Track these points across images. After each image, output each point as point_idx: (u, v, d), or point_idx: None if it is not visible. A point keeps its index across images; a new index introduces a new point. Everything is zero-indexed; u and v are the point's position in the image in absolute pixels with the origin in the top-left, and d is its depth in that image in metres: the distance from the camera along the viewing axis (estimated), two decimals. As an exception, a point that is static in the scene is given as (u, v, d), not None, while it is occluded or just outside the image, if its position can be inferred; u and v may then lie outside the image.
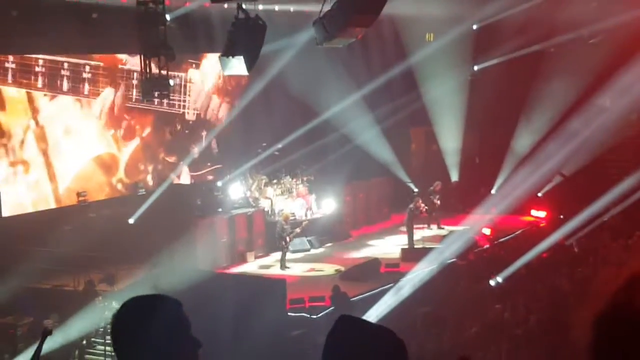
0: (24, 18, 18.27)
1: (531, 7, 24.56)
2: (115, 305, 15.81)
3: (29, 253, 17.32)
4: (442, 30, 26.44)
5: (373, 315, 15.63)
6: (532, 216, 25.37)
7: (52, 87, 20.24)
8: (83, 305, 16.50)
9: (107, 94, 21.59)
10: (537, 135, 26.41)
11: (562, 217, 22.60)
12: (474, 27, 27.20)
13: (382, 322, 14.81)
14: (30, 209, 19.86)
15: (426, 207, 23.25)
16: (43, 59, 19.98)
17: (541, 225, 24.25)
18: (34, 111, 19.92)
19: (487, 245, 21.87)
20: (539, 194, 25.76)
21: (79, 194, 20.61)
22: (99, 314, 16.40)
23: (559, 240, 20.03)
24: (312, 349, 15.31)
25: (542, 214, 25.19)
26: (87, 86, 21.03)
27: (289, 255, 20.85)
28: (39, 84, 19.94)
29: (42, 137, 20.08)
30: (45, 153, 20.16)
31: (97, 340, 16.24)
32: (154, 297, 2.90)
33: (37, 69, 19.93)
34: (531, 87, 26.72)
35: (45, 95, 20.11)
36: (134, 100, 21.89)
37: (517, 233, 23.58)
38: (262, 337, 14.19)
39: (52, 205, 20.37)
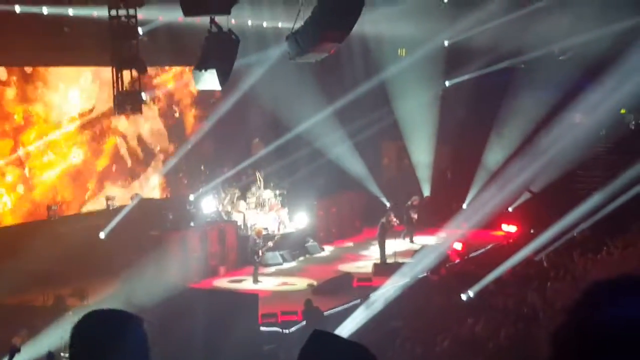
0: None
1: (502, 23, 24.84)
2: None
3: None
4: (414, 45, 26.64)
5: (345, 329, 15.62)
6: (502, 231, 25.53)
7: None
8: (53, 320, 16.34)
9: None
10: (508, 150, 26.63)
11: (532, 232, 22.77)
12: (446, 43, 27.43)
13: (354, 337, 14.81)
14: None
15: (397, 221, 23.30)
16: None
17: (511, 240, 24.39)
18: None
19: (459, 260, 21.97)
20: (510, 209, 25.93)
21: (49, 208, 20.46)
22: (68, 329, 16.23)
23: (529, 255, 20.18)
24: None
25: (512, 228, 25.36)
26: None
27: (261, 270, 20.82)
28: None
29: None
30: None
31: (66, 355, 16.07)
32: (117, 312, 2.81)
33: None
34: (502, 103, 26.95)
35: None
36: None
37: (488, 248, 23.71)
38: (234, 352, 14.14)
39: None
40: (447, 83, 28.47)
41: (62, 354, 16.00)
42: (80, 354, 2.76)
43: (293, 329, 16.57)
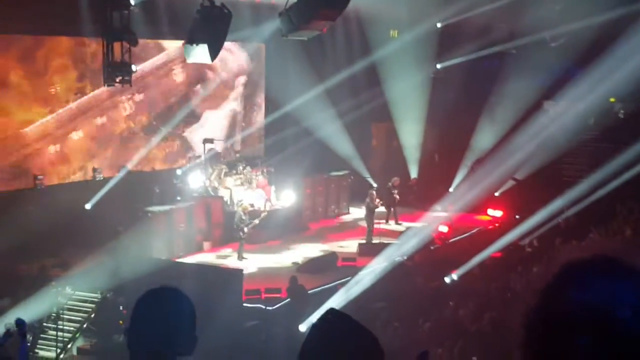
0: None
1: (495, 8, 24.79)
2: (69, 290, 15.66)
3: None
4: (407, 27, 26.58)
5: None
6: (488, 215, 25.61)
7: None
8: (36, 290, 16.34)
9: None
10: (497, 135, 26.67)
11: (517, 217, 22.85)
12: (438, 25, 27.36)
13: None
14: None
15: (381, 202, 23.31)
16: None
17: (497, 224, 24.48)
18: None
19: (444, 243, 22.04)
20: (496, 194, 26.01)
21: (35, 177, 20.39)
22: (51, 299, 16.25)
23: (514, 240, 20.26)
24: (267, 340, 15.35)
25: (498, 213, 25.45)
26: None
27: (246, 246, 20.82)
28: None
29: None
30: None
31: (49, 325, 16.07)
32: (176, 291, 3.07)
33: None
34: (492, 88, 26.97)
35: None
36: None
37: (473, 232, 23.80)
38: (218, 327, 14.16)
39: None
40: (438, 66, 28.44)
41: (44, 324, 16.03)
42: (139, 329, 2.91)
43: (276, 306, 16.61)
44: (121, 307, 16.05)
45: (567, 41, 25.21)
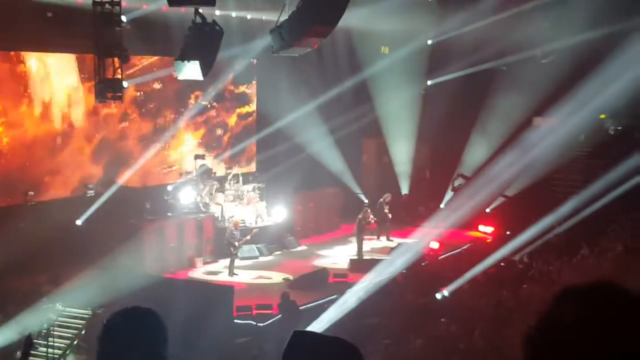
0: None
1: (485, 25, 24.95)
2: (60, 306, 15.59)
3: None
4: (397, 44, 26.72)
5: (320, 325, 15.66)
6: (479, 231, 25.66)
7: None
8: (27, 306, 16.27)
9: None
10: (487, 151, 26.76)
11: (508, 233, 22.90)
12: (429, 42, 27.51)
13: (328, 332, 14.85)
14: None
15: (375, 219, 23.37)
16: None
17: (488, 240, 24.53)
18: None
19: (435, 259, 22.05)
20: (487, 210, 26.06)
21: (25, 193, 20.32)
22: (42, 315, 16.17)
23: (505, 256, 20.29)
24: (258, 356, 15.31)
25: (489, 229, 25.50)
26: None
27: (237, 262, 20.80)
28: None
29: None
30: None
31: (40, 341, 15.99)
32: (147, 311, 3.08)
33: None
34: (483, 104, 27.07)
35: None
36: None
37: (464, 248, 23.83)
38: (209, 344, 14.14)
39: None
40: (429, 82, 28.56)
41: (35, 341, 15.93)
42: (110, 349, 2.98)
43: (268, 322, 16.58)
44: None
45: (557, 58, 25.35)
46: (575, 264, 18.71)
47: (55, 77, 21.15)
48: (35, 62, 20.64)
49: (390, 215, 24.82)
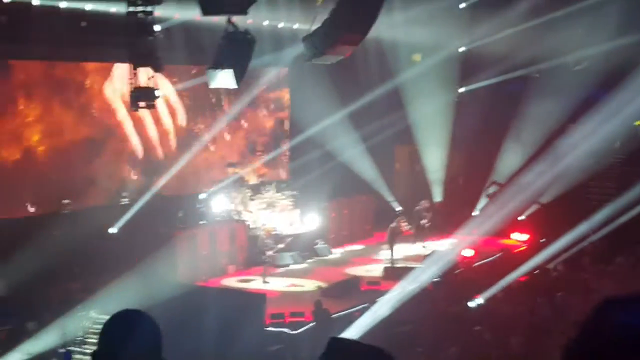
0: (14, 24, 18.24)
1: (517, 32, 24.80)
2: (94, 314, 15.76)
3: (8, 259, 17.21)
4: (429, 51, 26.65)
5: (353, 333, 15.61)
6: (513, 239, 25.46)
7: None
8: (61, 314, 16.42)
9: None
10: (521, 158, 26.57)
11: (543, 241, 22.68)
12: (461, 49, 27.41)
13: (362, 340, 14.80)
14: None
15: (408, 226, 23.26)
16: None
17: (522, 248, 24.33)
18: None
19: (468, 267, 21.91)
20: (521, 217, 25.86)
21: (60, 201, 20.51)
22: (77, 323, 16.32)
23: (539, 264, 20.10)
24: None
25: (523, 237, 25.29)
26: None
27: (270, 270, 20.82)
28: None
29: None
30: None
31: (74, 349, 16.13)
32: (140, 313, 3.07)
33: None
34: (515, 112, 26.89)
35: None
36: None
37: (498, 255, 23.63)
38: (241, 352, 14.16)
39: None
40: (461, 89, 28.45)
41: (69, 348, 16.09)
42: (104, 353, 2.95)
43: (300, 330, 16.57)
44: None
45: (590, 64, 25.13)
46: (611, 272, 18.47)
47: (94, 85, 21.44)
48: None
49: (427, 223, 24.77)
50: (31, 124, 20.20)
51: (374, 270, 21.95)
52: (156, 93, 17.59)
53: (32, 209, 20.25)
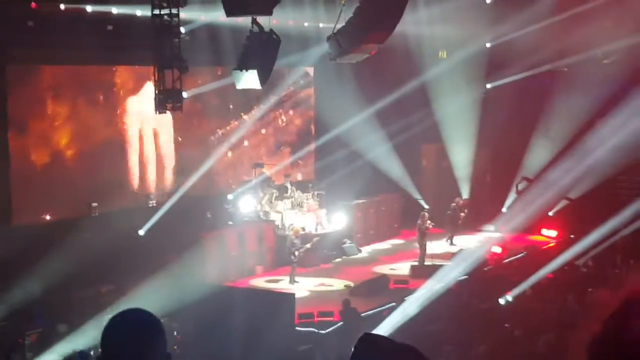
0: (40, 29, 18.38)
1: (544, 26, 24.60)
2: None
3: (39, 263, 17.35)
4: (456, 47, 26.52)
5: (381, 331, 15.57)
6: (542, 235, 25.27)
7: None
8: (91, 316, 16.52)
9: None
10: (549, 154, 26.37)
11: (572, 237, 22.52)
12: (487, 45, 27.25)
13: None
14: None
15: (432, 224, 23.05)
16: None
17: (551, 244, 24.15)
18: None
19: (497, 264, 21.78)
20: (550, 213, 25.67)
21: (89, 204, 20.66)
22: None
23: (569, 260, 19.95)
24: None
25: (553, 233, 25.11)
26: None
27: (298, 270, 20.82)
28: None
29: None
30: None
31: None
32: (142, 312, 3.05)
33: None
34: (543, 107, 26.69)
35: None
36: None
37: (527, 252, 23.47)
38: (270, 351, 14.17)
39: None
40: (488, 85, 28.28)
41: (100, 350, 16.17)
42: (109, 355, 2.94)
43: (329, 329, 16.56)
44: (175, 333, 16.14)
45: (619, 58, 24.89)
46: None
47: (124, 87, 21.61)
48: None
49: (463, 217, 24.75)
50: (59, 128, 20.37)
51: (402, 268, 21.87)
52: (183, 95, 17.65)
53: (60, 213, 20.39)
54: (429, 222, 22.67)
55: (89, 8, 19.37)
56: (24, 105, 19.56)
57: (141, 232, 20.79)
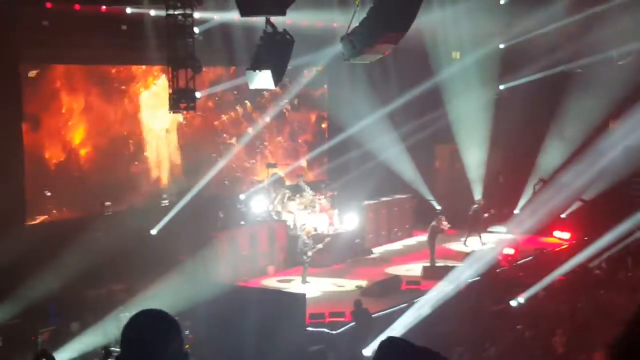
0: (55, 28, 18.45)
1: (559, 27, 24.53)
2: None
3: (52, 261, 17.42)
4: (469, 48, 26.46)
5: (393, 332, 15.56)
6: (555, 237, 25.19)
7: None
8: (104, 315, 16.59)
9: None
10: (562, 155, 26.28)
11: (585, 239, 22.43)
12: (501, 46, 27.18)
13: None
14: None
15: (449, 225, 23.04)
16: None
17: (564, 246, 24.07)
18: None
19: (510, 266, 21.73)
20: (563, 216, 25.58)
21: (102, 203, 20.72)
22: (119, 324, 16.46)
23: (582, 262, 19.88)
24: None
25: (565, 235, 25.02)
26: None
27: (310, 270, 20.83)
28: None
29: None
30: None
31: (117, 349, 16.26)
32: (159, 312, 3.12)
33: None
34: (557, 108, 26.60)
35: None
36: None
37: (540, 254, 23.40)
38: (282, 351, 14.18)
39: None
40: (501, 87, 28.21)
41: (112, 349, 16.22)
42: (128, 354, 3.00)
43: (341, 329, 16.55)
44: (187, 332, 16.18)
45: (634, 59, 24.78)
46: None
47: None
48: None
49: (486, 216, 24.74)
50: (73, 127, 20.44)
51: (414, 269, 21.85)
52: (197, 94, 17.70)
53: (74, 212, 20.47)
54: (445, 223, 22.58)
55: (103, 7, 19.43)
56: (38, 103, 19.64)
57: (154, 232, 20.84)
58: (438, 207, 26.03)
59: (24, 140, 19.12)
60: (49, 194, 19.82)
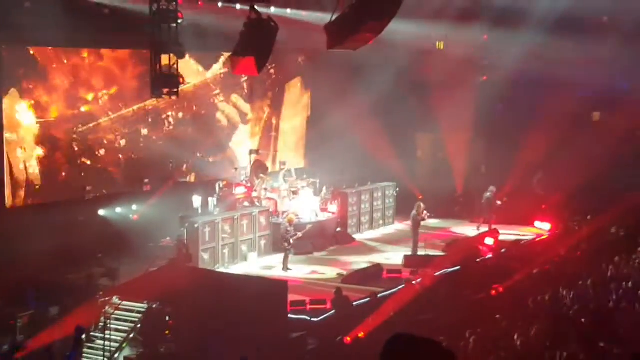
0: (36, 10, 18.31)
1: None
2: (116, 300, 15.85)
3: (32, 245, 17.36)
4: (453, 38, 26.49)
5: (374, 320, 15.63)
6: (536, 227, 25.30)
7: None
8: (84, 299, 16.55)
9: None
10: (543, 146, 26.34)
11: (565, 229, 22.56)
12: (485, 37, 27.23)
13: (382, 328, 14.81)
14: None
15: (428, 214, 22.97)
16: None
17: (545, 237, 24.19)
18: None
19: (490, 255, 21.82)
20: (544, 206, 25.70)
21: (83, 188, 20.66)
22: (99, 309, 16.44)
23: (562, 252, 19.99)
24: (312, 351, 15.36)
25: (546, 225, 25.13)
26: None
27: (291, 258, 20.84)
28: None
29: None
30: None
31: (97, 335, 16.25)
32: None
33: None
34: (539, 98, 26.67)
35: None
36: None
37: (520, 244, 23.48)
38: (263, 338, 14.20)
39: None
40: (484, 77, 28.26)
41: (92, 334, 16.20)
42: None
43: (321, 317, 16.59)
44: (167, 318, 16.17)
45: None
46: (635, 260, 18.35)
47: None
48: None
49: (499, 203, 24.79)
50: (50, 105, 20.33)
51: (395, 258, 21.89)
52: (180, 79, 17.57)
53: (54, 196, 20.38)
54: (425, 212, 22.54)
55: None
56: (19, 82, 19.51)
57: (135, 217, 20.79)
58: (420, 196, 26.05)
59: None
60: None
